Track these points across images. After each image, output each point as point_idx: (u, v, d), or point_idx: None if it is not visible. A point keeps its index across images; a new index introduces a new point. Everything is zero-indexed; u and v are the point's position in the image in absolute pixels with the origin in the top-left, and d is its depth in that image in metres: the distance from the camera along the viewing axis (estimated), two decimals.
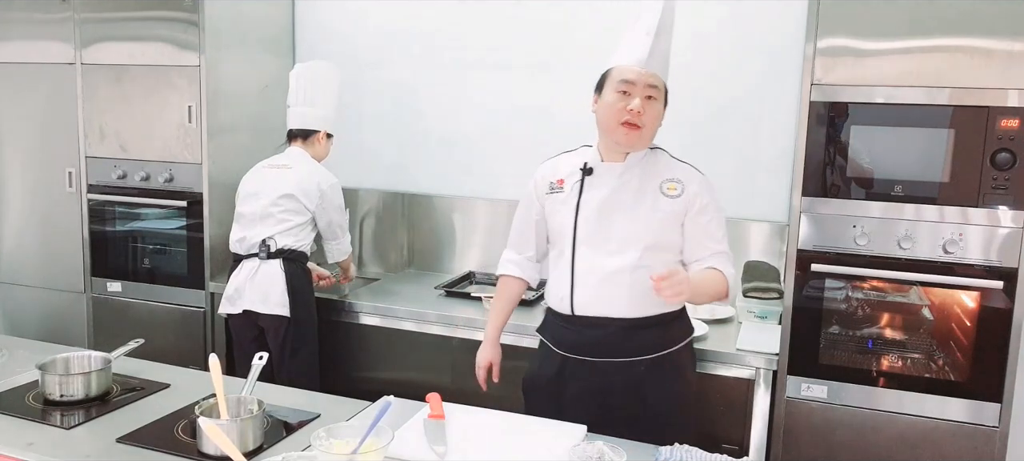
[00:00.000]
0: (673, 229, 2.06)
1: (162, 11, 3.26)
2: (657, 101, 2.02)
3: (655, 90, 2.00)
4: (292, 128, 3.06)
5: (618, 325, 2.04)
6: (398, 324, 3.00)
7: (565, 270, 2.09)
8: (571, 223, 2.08)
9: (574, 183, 2.11)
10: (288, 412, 1.88)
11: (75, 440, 1.74)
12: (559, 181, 2.15)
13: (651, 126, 2.03)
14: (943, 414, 2.41)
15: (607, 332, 2.05)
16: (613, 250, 2.03)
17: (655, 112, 2.02)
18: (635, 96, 1.98)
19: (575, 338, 2.09)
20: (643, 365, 2.06)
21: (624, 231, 2.04)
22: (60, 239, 3.62)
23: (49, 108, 3.54)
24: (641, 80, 1.98)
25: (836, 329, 2.53)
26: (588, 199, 2.07)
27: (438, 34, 3.47)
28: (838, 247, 2.44)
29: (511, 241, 2.33)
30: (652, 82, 1.99)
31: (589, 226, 2.06)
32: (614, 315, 2.04)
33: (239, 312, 2.90)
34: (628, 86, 1.99)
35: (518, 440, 1.77)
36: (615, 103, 2.00)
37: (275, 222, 2.91)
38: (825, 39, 2.38)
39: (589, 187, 2.08)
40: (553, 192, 2.15)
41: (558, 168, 2.17)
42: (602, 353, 2.06)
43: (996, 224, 2.31)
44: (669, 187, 2.05)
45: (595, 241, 2.05)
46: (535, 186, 2.21)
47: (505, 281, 2.33)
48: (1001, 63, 2.25)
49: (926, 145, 2.34)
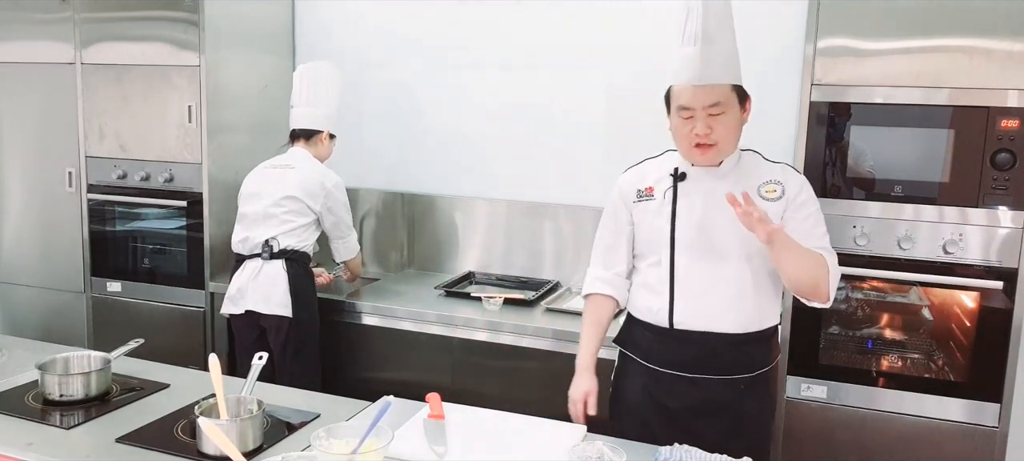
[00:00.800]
0: None
1: (162, 11, 3.26)
2: (726, 112, 1.85)
3: (718, 105, 1.84)
4: (295, 128, 3.06)
5: (722, 340, 1.91)
6: (398, 324, 3.00)
7: (663, 281, 1.95)
8: (668, 231, 1.94)
9: (666, 189, 1.97)
10: (288, 412, 1.87)
11: (74, 440, 1.74)
12: (648, 189, 2.01)
13: (727, 137, 1.88)
14: (943, 414, 2.41)
15: (710, 347, 1.92)
16: (716, 259, 1.91)
17: (728, 123, 1.86)
18: (697, 118, 1.85)
19: (673, 353, 1.95)
20: (743, 383, 1.94)
21: (726, 239, 1.90)
22: (60, 239, 3.62)
23: (49, 108, 3.54)
24: (698, 102, 1.84)
25: (836, 329, 2.53)
26: (684, 205, 1.94)
27: (438, 34, 3.46)
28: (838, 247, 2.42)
29: (596, 257, 2.13)
30: (712, 98, 1.83)
31: (689, 234, 1.93)
32: (718, 330, 1.91)
33: (241, 312, 2.90)
34: (688, 111, 1.86)
35: (518, 440, 1.77)
36: (681, 128, 1.89)
37: (278, 223, 2.90)
38: (825, 39, 2.38)
39: (683, 193, 1.95)
40: (642, 200, 2.01)
41: (645, 175, 2.03)
42: (705, 369, 1.92)
43: (996, 224, 2.31)
44: (768, 190, 1.93)
45: (695, 250, 1.92)
46: (621, 195, 2.06)
47: (595, 301, 2.10)
48: (1001, 63, 2.25)
49: (926, 145, 2.35)
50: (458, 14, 3.42)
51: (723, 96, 1.85)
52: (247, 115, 3.45)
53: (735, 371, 1.93)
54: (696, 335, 1.93)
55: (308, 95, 3.04)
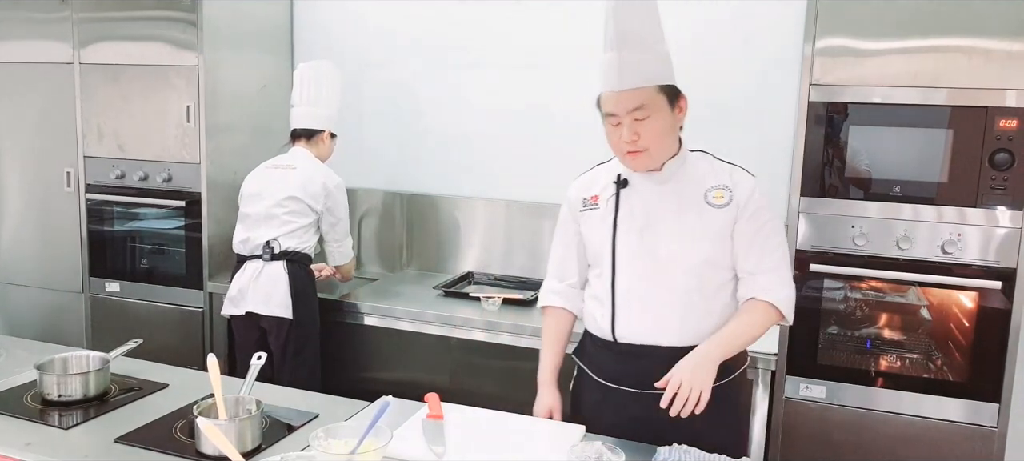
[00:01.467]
0: (724, 243, 1.84)
1: (160, 11, 3.26)
2: (652, 115, 1.77)
3: (642, 109, 1.77)
4: (296, 128, 3.05)
5: (666, 353, 1.80)
6: (397, 324, 3.00)
7: (605, 293, 1.89)
8: (609, 242, 1.88)
9: (609, 198, 1.91)
10: (286, 412, 1.87)
11: (73, 440, 1.74)
12: (593, 197, 1.94)
13: (656, 142, 1.80)
14: (941, 414, 2.41)
15: (654, 361, 1.81)
16: (659, 271, 1.83)
17: (654, 128, 1.78)
18: (622, 124, 1.78)
19: (618, 367, 1.88)
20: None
21: (670, 249, 1.83)
22: (58, 239, 3.61)
23: (47, 108, 3.54)
24: (621, 107, 1.77)
25: (834, 329, 2.54)
26: (626, 213, 1.87)
27: (438, 34, 3.46)
28: (836, 247, 2.45)
29: (551, 269, 2.08)
30: (634, 103, 1.76)
31: (630, 245, 1.86)
32: (662, 343, 1.83)
33: (242, 314, 2.89)
34: (613, 118, 1.80)
35: (517, 440, 1.77)
36: (611, 135, 1.83)
37: (279, 224, 2.90)
38: (824, 39, 2.38)
39: (626, 201, 1.88)
40: (587, 209, 1.95)
41: (593, 183, 1.97)
42: (648, 384, 1.79)
43: (994, 224, 2.31)
44: (716, 195, 1.84)
45: (637, 260, 1.85)
46: (569, 205, 2.01)
47: (550, 314, 2.06)
48: (999, 63, 2.25)
49: (924, 145, 2.35)
50: (458, 14, 3.42)
51: (646, 99, 1.77)
52: (246, 115, 3.45)
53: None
54: (639, 348, 1.85)
55: (309, 94, 3.03)
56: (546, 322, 2.08)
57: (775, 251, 1.85)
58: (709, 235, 1.82)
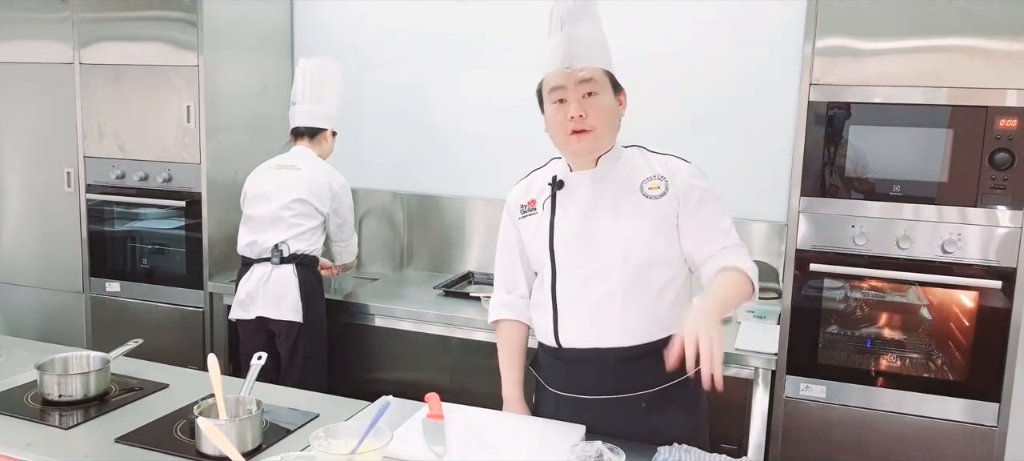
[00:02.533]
0: (666, 236, 1.79)
1: (160, 11, 3.26)
2: (600, 94, 1.77)
3: (592, 83, 1.76)
4: (299, 126, 3.03)
5: (610, 357, 1.78)
6: (397, 324, 3.00)
7: (547, 299, 1.85)
8: (547, 247, 1.84)
9: (545, 200, 1.87)
10: (287, 412, 1.87)
11: (73, 440, 1.74)
12: (530, 202, 1.91)
13: (603, 122, 1.78)
14: (942, 414, 2.41)
15: (598, 366, 1.79)
16: (598, 271, 1.78)
17: (602, 107, 1.77)
18: (570, 100, 1.75)
19: (565, 374, 1.85)
20: (643, 401, 1.80)
21: (608, 248, 1.78)
22: (59, 239, 3.61)
23: (47, 108, 3.54)
24: (570, 80, 1.75)
25: (835, 329, 2.54)
26: (562, 215, 1.83)
27: (437, 33, 3.46)
28: (837, 247, 2.45)
29: (498, 281, 2.03)
30: (585, 77, 1.75)
31: (568, 248, 1.81)
32: (605, 345, 1.78)
33: (251, 318, 2.87)
34: (560, 93, 1.77)
35: (517, 440, 1.77)
36: (555, 115, 1.79)
37: (287, 226, 2.88)
38: (824, 39, 2.38)
39: (562, 203, 1.84)
40: (525, 215, 1.91)
41: (529, 188, 1.94)
42: (594, 389, 1.79)
43: (994, 224, 2.31)
44: (651, 186, 1.80)
45: (576, 264, 1.80)
46: (508, 213, 1.97)
47: (502, 328, 2.01)
48: (999, 63, 2.25)
49: (925, 145, 2.35)
50: (459, 14, 3.42)
51: (596, 76, 1.77)
52: (246, 115, 3.45)
53: (629, 389, 1.79)
54: (583, 353, 1.81)
55: (312, 92, 3.00)
56: (500, 338, 2.03)
57: (730, 232, 1.80)
58: (647, 228, 1.78)
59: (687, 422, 1.82)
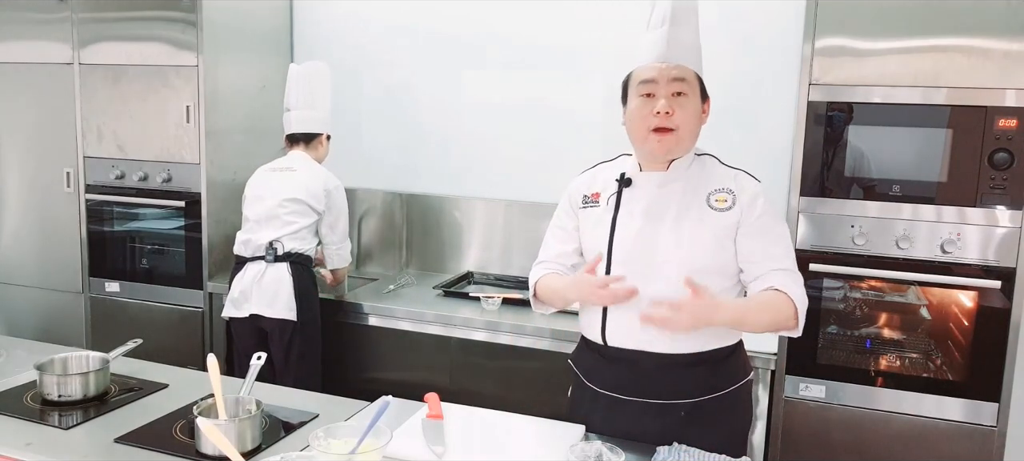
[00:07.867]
0: (725, 249, 1.77)
1: (160, 11, 3.26)
2: (690, 97, 1.75)
3: (684, 84, 1.74)
4: (295, 132, 3.03)
5: (655, 361, 1.77)
6: (397, 324, 3.00)
7: None
8: (606, 241, 1.81)
9: (611, 196, 1.85)
10: (286, 412, 1.87)
11: (73, 440, 1.74)
12: (594, 194, 1.89)
13: (687, 126, 1.76)
14: (941, 414, 2.41)
15: (642, 368, 1.78)
16: (654, 274, 1.74)
17: (689, 109, 1.75)
18: (659, 96, 1.73)
19: (606, 372, 1.84)
20: (682, 410, 1.78)
21: (666, 252, 1.76)
22: (58, 239, 3.61)
23: (47, 108, 3.54)
24: (663, 76, 1.73)
25: (834, 329, 2.54)
26: (626, 213, 1.81)
27: (437, 34, 3.46)
28: (836, 247, 2.45)
29: (541, 256, 2.01)
30: (678, 75, 1.74)
31: (626, 246, 1.79)
32: (651, 350, 1.77)
33: (244, 316, 2.87)
34: (650, 87, 1.74)
35: (517, 440, 1.77)
36: (640, 109, 1.76)
37: (281, 225, 2.88)
38: (823, 39, 2.38)
39: (627, 201, 1.82)
40: (587, 206, 1.90)
41: (595, 180, 1.92)
42: (634, 392, 1.78)
43: (994, 224, 2.31)
44: (718, 199, 1.78)
45: (633, 263, 1.77)
46: (569, 198, 1.96)
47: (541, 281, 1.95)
48: (999, 63, 2.25)
49: (924, 145, 2.35)
50: (458, 14, 3.42)
51: (689, 77, 1.76)
52: (245, 115, 3.45)
53: (670, 396, 1.78)
54: (628, 354, 1.79)
55: (305, 98, 3.01)
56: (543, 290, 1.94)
57: (786, 257, 1.78)
58: (708, 239, 1.76)
59: (725, 437, 1.78)
